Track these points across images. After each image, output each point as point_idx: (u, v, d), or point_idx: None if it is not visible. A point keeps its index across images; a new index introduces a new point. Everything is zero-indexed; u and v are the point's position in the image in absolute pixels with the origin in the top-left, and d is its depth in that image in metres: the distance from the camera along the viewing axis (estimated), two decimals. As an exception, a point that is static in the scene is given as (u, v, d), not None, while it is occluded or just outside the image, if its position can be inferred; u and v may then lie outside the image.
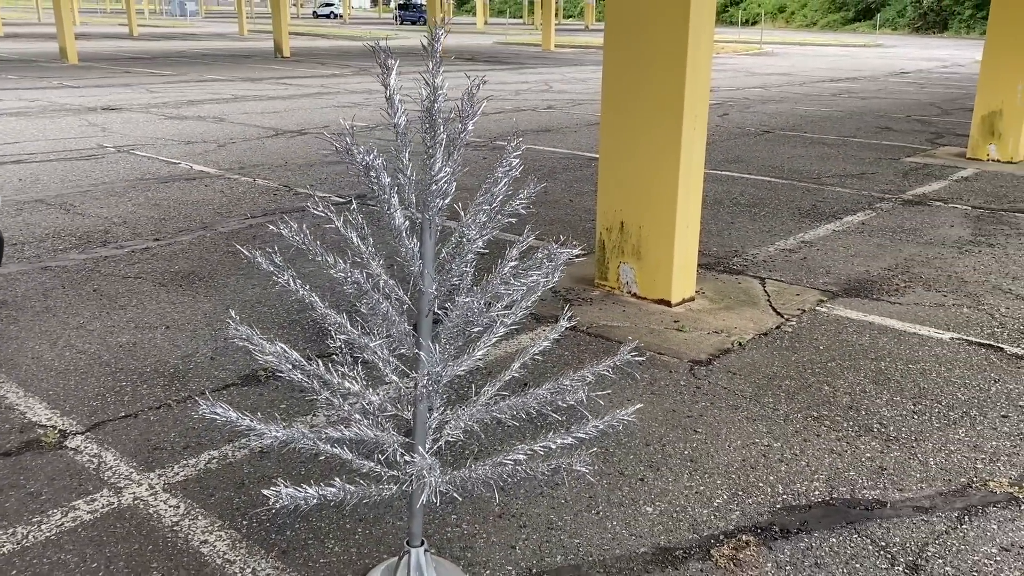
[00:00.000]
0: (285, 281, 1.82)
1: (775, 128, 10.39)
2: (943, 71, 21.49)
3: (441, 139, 1.65)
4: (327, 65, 20.58)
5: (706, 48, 3.92)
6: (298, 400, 3.05)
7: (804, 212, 6.11)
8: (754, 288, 4.44)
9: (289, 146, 8.63)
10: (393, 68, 1.68)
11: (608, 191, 4.27)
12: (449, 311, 1.70)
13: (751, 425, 2.93)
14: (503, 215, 1.77)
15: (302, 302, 4.00)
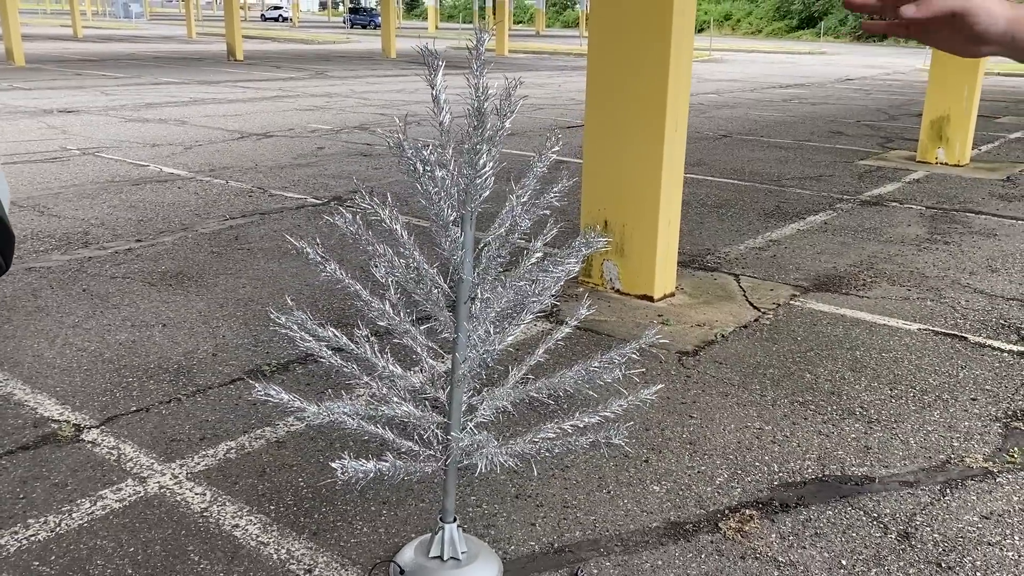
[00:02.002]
0: (332, 271, 1.92)
1: (733, 132, 10.69)
2: (886, 78, 22.21)
3: (486, 135, 1.77)
4: (283, 68, 20.46)
5: (687, 55, 4.10)
6: (306, 393, 3.13)
7: (769, 212, 6.34)
8: (730, 284, 4.63)
9: (256, 148, 8.62)
10: (439, 70, 1.79)
11: (592, 190, 4.42)
12: (499, 294, 1.81)
13: (742, 410, 3.09)
14: (538, 207, 1.90)
15: (296, 299, 4.07)
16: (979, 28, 0.83)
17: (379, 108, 12.52)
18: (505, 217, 1.82)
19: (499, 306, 1.86)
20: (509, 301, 1.83)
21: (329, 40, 38.01)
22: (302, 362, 3.39)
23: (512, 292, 1.81)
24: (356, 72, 19.94)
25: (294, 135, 9.62)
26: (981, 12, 0.82)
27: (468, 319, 1.89)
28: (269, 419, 2.90)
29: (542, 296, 1.92)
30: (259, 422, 2.88)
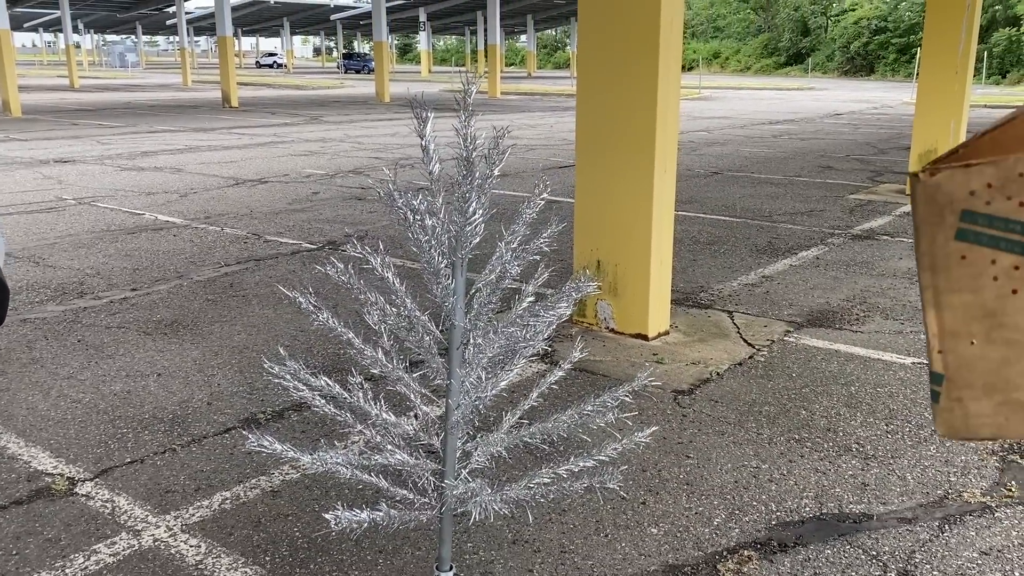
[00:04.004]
0: (324, 320, 1.93)
1: (723, 169, 10.79)
2: (874, 112, 22.48)
3: (476, 183, 1.79)
4: (277, 114, 20.66)
5: (674, 98, 4.16)
6: (301, 440, 3.12)
7: (761, 249, 6.38)
8: (724, 321, 4.64)
9: (251, 194, 8.68)
10: (428, 121, 1.82)
11: (584, 231, 4.46)
12: (490, 340, 1.82)
13: (738, 449, 3.09)
14: (528, 252, 1.92)
15: (291, 345, 4.07)
16: None
17: (373, 152, 12.63)
18: (495, 263, 1.84)
19: (491, 352, 1.87)
20: (501, 347, 1.84)
21: (323, 85, 38.45)
22: (297, 409, 3.39)
23: (503, 338, 1.82)
24: (350, 117, 20.14)
25: (289, 180, 9.69)
26: None
27: (461, 365, 1.90)
28: (264, 468, 2.89)
29: (534, 341, 1.93)
30: (254, 471, 2.87)
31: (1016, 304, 0.74)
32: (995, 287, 0.75)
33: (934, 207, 0.78)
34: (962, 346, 0.78)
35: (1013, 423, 0.75)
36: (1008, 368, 0.76)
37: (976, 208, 0.75)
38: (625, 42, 4.08)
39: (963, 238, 0.76)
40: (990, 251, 0.75)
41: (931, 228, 0.78)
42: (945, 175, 0.76)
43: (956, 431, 0.78)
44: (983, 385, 0.77)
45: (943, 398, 0.80)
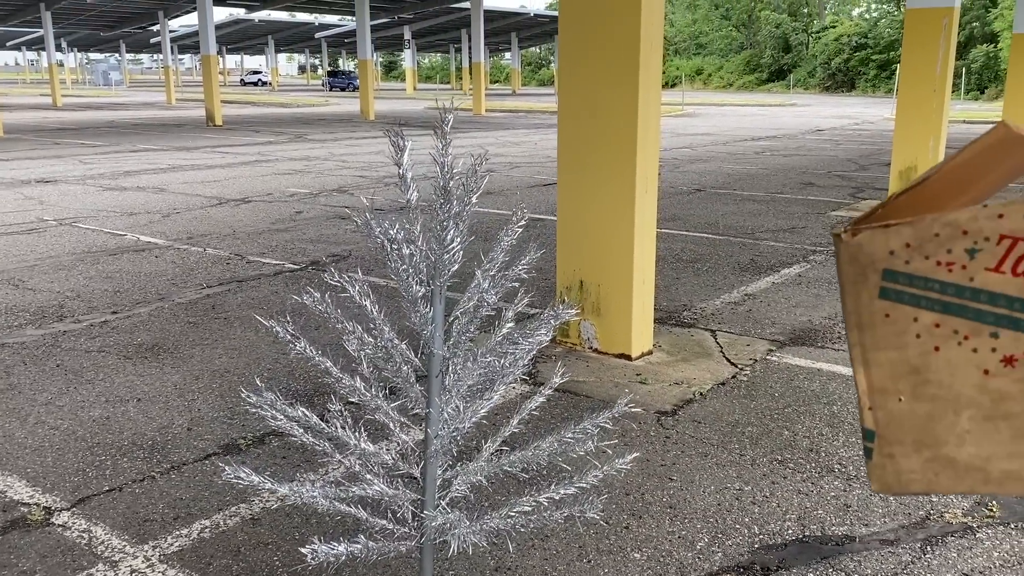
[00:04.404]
0: (301, 349, 1.92)
1: (706, 186, 10.85)
2: (855, 128, 22.70)
3: (453, 212, 1.79)
4: (261, 132, 20.63)
5: (654, 121, 4.18)
6: (281, 466, 3.10)
7: (743, 266, 6.41)
8: (706, 340, 4.65)
9: (235, 214, 8.65)
10: (405, 150, 1.82)
11: (567, 252, 4.46)
12: (468, 369, 1.81)
13: (721, 471, 3.08)
14: (507, 279, 1.91)
15: (273, 368, 4.05)
16: None
17: (358, 171, 12.62)
18: (473, 292, 1.84)
19: (470, 380, 1.86)
20: (480, 376, 1.84)
21: (308, 103, 38.46)
22: (278, 434, 3.36)
23: (482, 367, 1.81)
24: (335, 135, 20.15)
25: (272, 200, 9.67)
26: None
27: (440, 393, 1.89)
28: (244, 495, 2.86)
29: (513, 369, 1.92)
30: (234, 499, 2.84)
31: (939, 361, 0.75)
32: (918, 344, 0.76)
33: (857, 267, 0.79)
34: (891, 403, 0.78)
35: (942, 479, 0.76)
36: (935, 424, 0.77)
37: (896, 267, 0.76)
38: (605, 64, 4.10)
39: (886, 297, 0.77)
40: (912, 309, 0.76)
41: (856, 287, 0.79)
42: (866, 235, 0.77)
43: (889, 487, 0.79)
44: (912, 441, 0.78)
45: (875, 454, 0.80)
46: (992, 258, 0.72)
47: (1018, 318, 0.72)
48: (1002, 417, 0.74)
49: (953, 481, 0.77)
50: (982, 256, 0.73)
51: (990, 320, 0.74)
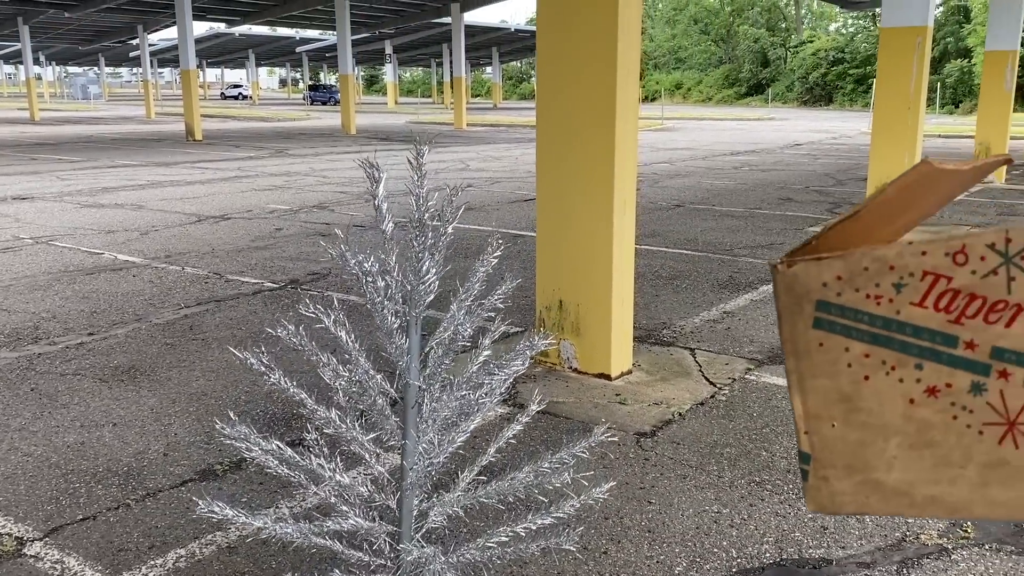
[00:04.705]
0: (276, 380, 1.91)
1: (686, 202, 10.91)
2: (833, 142, 22.93)
3: (428, 243, 1.79)
4: (242, 147, 20.57)
5: (631, 141, 4.21)
6: (258, 492, 3.07)
7: (722, 283, 6.44)
8: (686, 359, 4.67)
9: (214, 232, 8.61)
10: (381, 182, 1.82)
11: (546, 272, 4.47)
12: (443, 403, 1.81)
13: (700, 493, 3.09)
14: (484, 308, 1.92)
15: (251, 391, 4.02)
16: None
17: (339, 186, 12.60)
18: (448, 323, 1.84)
19: (445, 412, 1.86)
20: (455, 409, 1.83)
21: (289, 117, 38.40)
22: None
23: (457, 401, 1.81)
24: (316, 150, 20.11)
25: (252, 216, 9.63)
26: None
27: (416, 425, 1.89)
28: (220, 524, 2.83)
29: (489, 399, 1.92)
30: (210, 527, 2.82)
31: (868, 390, 0.78)
32: (850, 373, 0.79)
33: (793, 297, 0.81)
34: (824, 428, 0.81)
35: (873, 501, 0.78)
36: (865, 449, 0.79)
37: (829, 299, 0.79)
38: (582, 88, 4.13)
39: (819, 326, 0.80)
40: (843, 339, 0.79)
41: (792, 316, 0.81)
42: (801, 267, 0.80)
43: (824, 507, 0.81)
44: (844, 465, 0.80)
45: (811, 476, 0.83)
46: (916, 293, 0.75)
47: (940, 351, 0.75)
48: (925, 445, 0.77)
49: (882, 504, 0.79)
50: (907, 291, 0.76)
51: (915, 352, 0.76)
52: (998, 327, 0.71)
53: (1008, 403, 0.72)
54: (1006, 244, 0.70)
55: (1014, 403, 0.71)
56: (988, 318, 0.72)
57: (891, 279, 0.76)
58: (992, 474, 0.72)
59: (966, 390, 0.74)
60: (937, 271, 0.73)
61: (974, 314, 0.72)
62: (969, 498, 0.73)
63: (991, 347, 0.72)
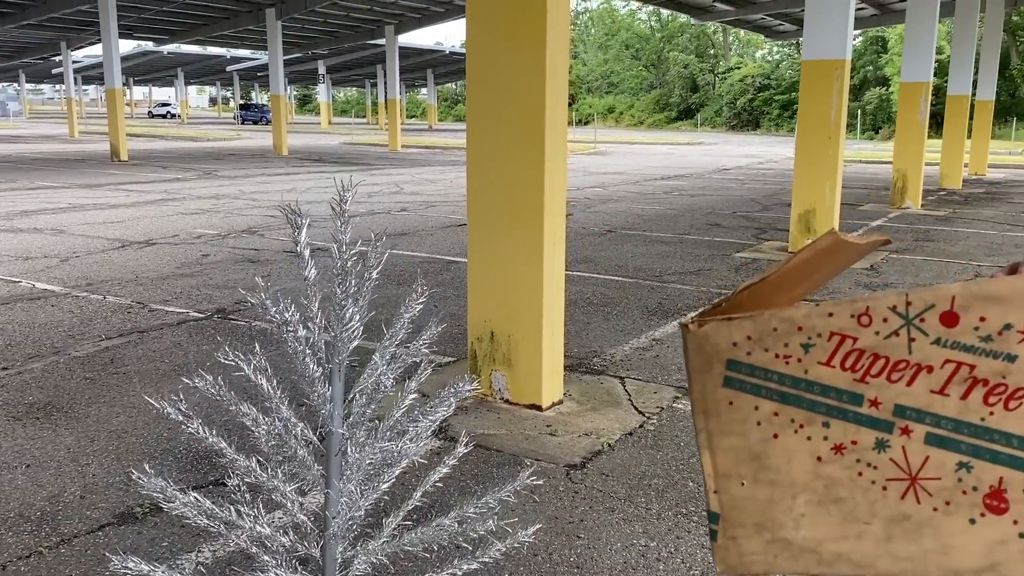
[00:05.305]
0: (195, 428, 1.87)
1: (617, 227, 11.07)
2: (759, 167, 23.58)
3: (351, 291, 1.78)
4: (169, 168, 20.13)
5: (560, 175, 4.27)
6: (180, 536, 2.99)
7: (652, 310, 6.55)
8: (615, 388, 4.72)
9: (138, 258, 8.39)
10: (304, 227, 1.81)
11: (477, 303, 4.48)
12: (364, 453, 1.80)
13: (628, 526, 3.12)
14: (410, 353, 1.91)
15: (175, 429, 3.92)
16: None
17: (269, 210, 12.42)
18: (371, 372, 1.83)
19: (369, 460, 1.84)
20: (377, 459, 1.82)
21: (219, 137, 37.76)
22: (178, 500, 3.24)
23: (381, 449, 1.80)
24: (246, 171, 19.81)
25: (178, 242, 9.42)
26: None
27: (339, 474, 1.86)
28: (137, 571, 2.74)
29: (414, 444, 1.91)
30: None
31: (777, 448, 0.80)
32: (759, 431, 0.81)
33: (703, 356, 0.83)
34: (734, 487, 0.83)
35: (781, 560, 0.80)
36: (774, 508, 0.82)
37: (739, 358, 0.81)
38: (511, 122, 4.17)
39: (729, 385, 0.82)
40: (753, 398, 0.81)
41: (702, 375, 0.84)
42: (711, 327, 0.82)
43: (733, 568, 0.83)
44: (753, 524, 0.82)
45: (720, 536, 0.84)
46: (824, 352, 0.79)
47: (846, 409, 0.78)
48: (833, 501, 0.80)
49: (790, 562, 0.81)
50: (815, 351, 0.79)
51: (822, 410, 0.79)
52: (900, 385, 0.74)
53: (910, 459, 0.75)
54: (907, 307, 0.74)
55: (915, 459, 0.74)
56: (891, 377, 0.75)
57: (799, 339, 0.79)
58: (896, 529, 0.75)
59: (871, 447, 0.77)
60: (843, 332, 0.76)
61: (878, 373, 0.75)
62: (875, 553, 0.75)
63: (894, 405, 0.75)
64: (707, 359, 0.85)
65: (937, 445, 0.73)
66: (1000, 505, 0.72)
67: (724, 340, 0.84)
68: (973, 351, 0.71)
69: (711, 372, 0.85)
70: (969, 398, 0.72)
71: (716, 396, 0.84)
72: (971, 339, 0.70)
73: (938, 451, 0.74)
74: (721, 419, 0.85)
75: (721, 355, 0.84)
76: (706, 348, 0.85)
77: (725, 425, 0.85)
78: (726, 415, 0.84)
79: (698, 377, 0.86)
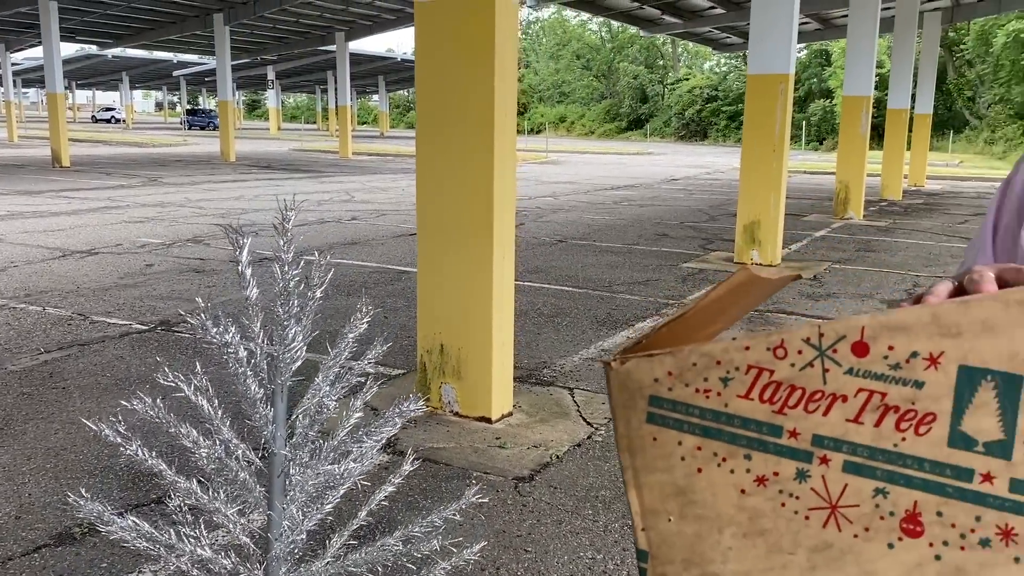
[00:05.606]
0: (134, 451, 1.83)
1: (568, 237, 11.14)
2: (707, 177, 23.93)
3: (294, 312, 1.77)
4: (113, 175, 19.70)
5: (510, 190, 4.29)
6: (120, 557, 2.93)
7: (601, 320, 6.60)
8: (565, 399, 4.75)
9: (79, 268, 8.19)
10: (245, 247, 1.79)
11: (427, 316, 4.47)
12: (306, 476, 1.79)
13: (575, 539, 3.14)
14: (353, 374, 1.90)
15: (115, 446, 3.84)
16: None
17: (215, 218, 12.23)
18: (314, 392, 1.82)
19: (312, 481, 1.83)
20: (318, 483, 1.81)
21: (165, 143, 37.10)
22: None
23: (323, 476, 1.79)
24: (193, 178, 19.48)
25: (122, 251, 9.22)
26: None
27: (281, 496, 1.85)
28: (76, 593, 2.68)
29: (359, 464, 1.90)
30: (65, 597, 2.66)
31: (702, 482, 0.82)
32: (683, 466, 0.82)
33: (626, 393, 0.85)
34: (661, 523, 0.84)
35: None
36: (701, 542, 0.83)
37: (661, 394, 0.83)
38: (461, 134, 4.18)
39: (653, 421, 0.83)
40: (676, 433, 0.83)
41: (626, 412, 0.85)
42: (633, 363, 0.83)
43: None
44: (682, 560, 0.83)
45: (649, 574, 0.85)
46: (743, 386, 0.80)
47: (766, 440, 0.79)
48: (758, 533, 0.81)
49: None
50: (734, 384, 0.80)
51: (743, 443, 0.81)
52: (816, 415, 0.76)
53: (829, 488, 0.76)
54: (819, 338, 0.76)
55: (835, 487, 0.76)
56: (808, 407, 0.77)
57: (718, 373, 0.80)
58: (819, 557, 0.77)
59: (792, 477, 0.78)
60: (760, 365, 0.78)
61: (795, 404, 0.77)
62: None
63: (812, 435, 0.76)
64: (630, 396, 0.86)
65: (854, 473, 0.75)
66: (916, 528, 0.74)
67: (646, 376, 0.85)
68: (884, 379, 0.73)
69: (635, 409, 0.86)
70: (882, 425, 0.74)
71: (640, 432, 0.85)
72: (881, 368, 0.73)
73: (856, 478, 0.76)
74: (646, 455, 0.86)
75: (644, 391, 0.85)
76: (629, 385, 0.86)
77: (650, 461, 0.86)
78: (651, 451, 0.85)
79: (622, 414, 0.87)
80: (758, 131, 8.95)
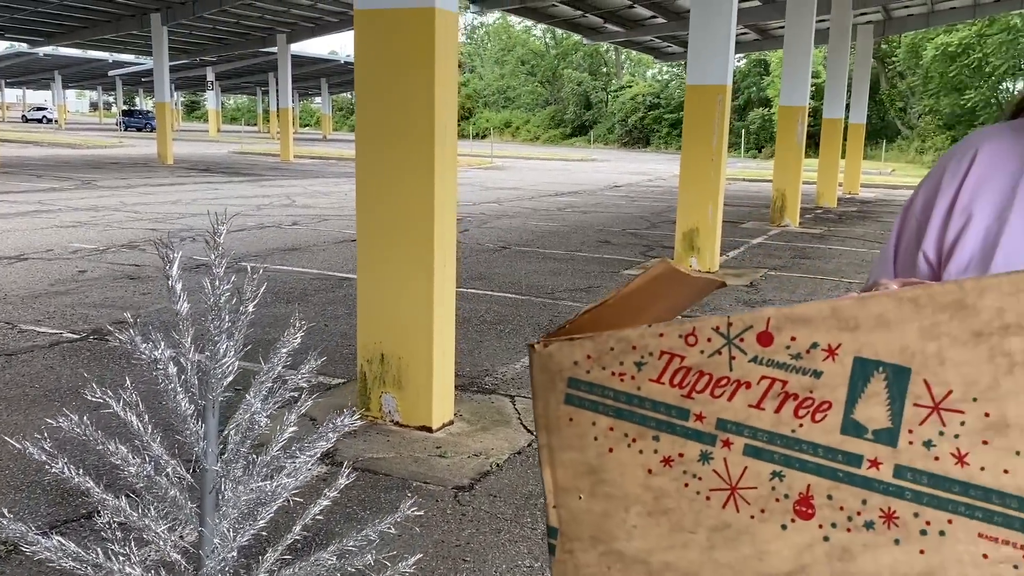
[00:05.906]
0: (60, 468, 1.79)
1: (511, 243, 11.18)
2: (649, 184, 24.26)
3: (225, 327, 1.75)
4: (44, 178, 19.13)
5: (451, 201, 4.30)
6: (48, 574, 2.85)
7: (542, 327, 6.64)
8: (506, 407, 4.77)
9: (7, 275, 7.94)
10: (176, 261, 1.77)
11: (367, 325, 4.45)
12: (239, 492, 1.77)
13: (513, 547, 3.16)
14: (286, 389, 1.89)
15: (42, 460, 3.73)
16: None
17: (151, 223, 11.97)
18: (246, 407, 1.80)
19: (245, 497, 1.81)
20: (251, 499, 1.79)
21: (100, 144, 36.16)
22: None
23: (255, 494, 1.77)
24: (128, 181, 19.03)
25: (52, 257, 8.96)
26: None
27: (213, 512, 1.83)
28: (0, 614, 2.60)
29: (292, 479, 1.89)
30: (-12, 619, 2.58)
31: (612, 462, 0.85)
32: (596, 446, 0.86)
33: (547, 375, 0.88)
34: (572, 501, 0.87)
35: (614, 572, 0.85)
36: (608, 520, 0.86)
37: (579, 376, 0.86)
38: (402, 139, 4.17)
39: (570, 402, 0.87)
40: (591, 414, 0.86)
41: (545, 393, 0.88)
42: (555, 347, 0.87)
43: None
44: (589, 537, 0.87)
45: (558, 551, 0.88)
46: (655, 370, 0.84)
47: (674, 423, 0.83)
48: (662, 512, 0.85)
49: (622, 573, 0.85)
50: (647, 368, 0.84)
51: (652, 424, 0.84)
52: (722, 400, 0.80)
53: (730, 470, 0.80)
54: (728, 328, 0.80)
55: (735, 470, 0.79)
56: (714, 392, 0.80)
57: (633, 358, 0.84)
58: (718, 537, 0.80)
59: (696, 459, 0.82)
60: (672, 351, 0.81)
61: (703, 389, 0.81)
62: (699, 561, 0.80)
63: (716, 419, 0.80)
64: (550, 377, 0.90)
65: (754, 456, 0.79)
66: (808, 511, 0.78)
67: (567, 359, 0.88)
68: (785, 368, 0.77)
69: (554, 390, 0.90)
70: (782, 411, 0.78)
71: (558, 413, 0.89)
72: (783, 357, 0.77)
73: (755, 461, 0.80)
74: (562, 435, 0.89)
75: (563, 373, 0.89)
76: (550, 367, 0.90)
77: (565, 440, 0.89)
78: (566, 431, 0.89)
79: (542, 394, 0.91)
80: (697, 141, 9.12)
